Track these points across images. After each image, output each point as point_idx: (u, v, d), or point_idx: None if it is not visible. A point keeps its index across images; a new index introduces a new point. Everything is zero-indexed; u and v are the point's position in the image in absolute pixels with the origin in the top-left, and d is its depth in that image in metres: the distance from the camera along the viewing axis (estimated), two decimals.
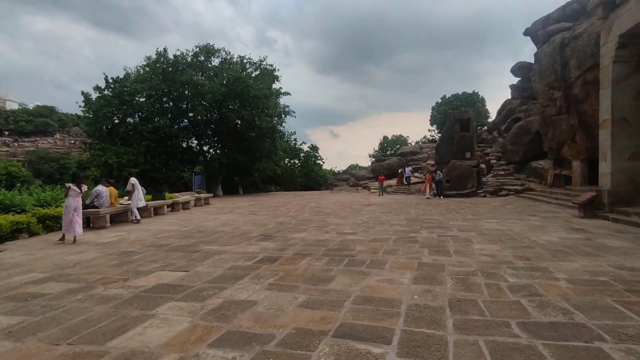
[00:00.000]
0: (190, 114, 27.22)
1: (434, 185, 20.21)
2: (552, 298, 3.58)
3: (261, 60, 28.04)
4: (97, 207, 9.63)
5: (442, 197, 19.42)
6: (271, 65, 27.79)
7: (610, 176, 9.82)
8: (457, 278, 4.34)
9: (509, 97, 32.68)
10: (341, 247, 6.44)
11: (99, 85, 23.18)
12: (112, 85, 23.30)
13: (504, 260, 5.20)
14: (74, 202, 7.72)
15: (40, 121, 75.66)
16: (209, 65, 26.28)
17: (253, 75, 26.87)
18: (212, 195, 20.08)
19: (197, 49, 25.80)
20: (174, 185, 29.44)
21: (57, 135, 76.59)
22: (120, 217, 10.81)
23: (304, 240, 7.12)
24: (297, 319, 3.19)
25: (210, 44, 26.08)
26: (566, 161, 18.16)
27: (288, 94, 29.90)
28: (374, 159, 54.15)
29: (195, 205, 16.99)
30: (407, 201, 17.59)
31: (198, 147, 29.05)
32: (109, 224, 9.80)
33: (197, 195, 17.41)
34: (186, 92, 25.82)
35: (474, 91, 50.61)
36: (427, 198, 19.14)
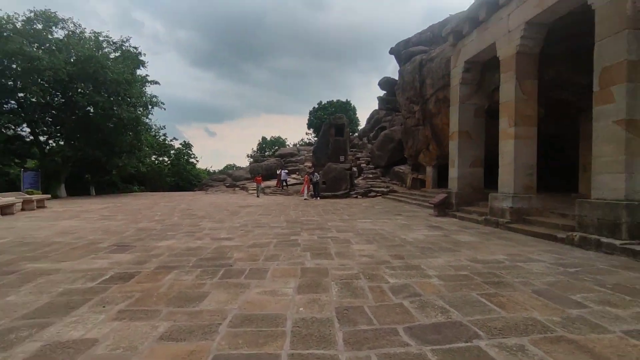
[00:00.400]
0: (20, 94, 21.73)
1: (311, 186, 20.78)
2: (429, 297, 3.70)
3: (123, 41, 24.36)
4: None
5: (319, 198, 20.09)
6: (136, 48, 24.40)
7: (457, 180, 11.56)
8: (342, 283, 4.18)
9: (377, 107, 36.40)
10: (216, 255, 5.71)
11: None
12: None
13: (381, 260, 5.34)
14: None
15: None
16: (50, 37, 21.38)
17: (112, 56, 23.10)
18: (49, 196, 16.29)
19: (32, 14, 20.68)
20: None
21: None
22: None
23: (171, 250, 6.10)
24: (155, 359, 2.45)
25: (51, 10, 21.24)
26: (422, 167, 20.99)
27: (156, 82, 26.82)
28: (252, 160, 53.42)
29: (23, 209, 13.44)
30: (285, 202, 17.56)
31: (31, 137, 23.41)
32: None
33: (27, 196, 13.81)
34: (14, 66, 20.46)
35: (347, 100, 54.81)
36: (305, 199, 19.54)
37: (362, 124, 53.78)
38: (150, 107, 25.11)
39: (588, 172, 12.19)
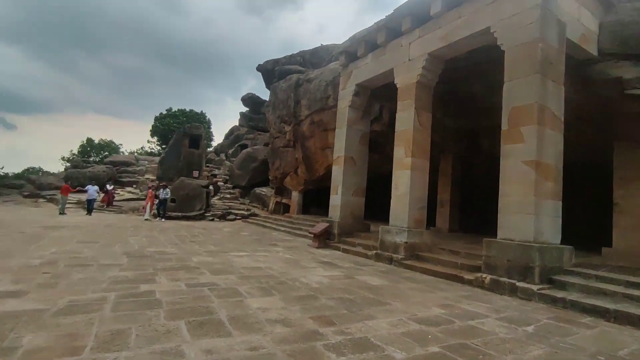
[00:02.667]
0: None
1: (155, 204, 16.92)
2: None
3: None
4: None
5: (163, 219, 16.44)
6: None
7: (339, 208, 10.70)
8: None
9: (237, 124, 34.40)
10: None
11: None
12: None
13: (306, 330, 3.49)
14: None
15: None
16: None
17: None
18: None
19: None
20: None
21: None
22: None
23: None
24: None
25: None
26: (287, 190, 19.96)
27: None
28: (69, 165, 42.72)
29: None
30: (119, 224, 13.48)
31: None
32: None
33: None
34: None
35: (201, 111, 50.82)
36: (146, 220, 15.67)
37: (217, 139, 50.56)
38: None
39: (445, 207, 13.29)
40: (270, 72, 27.16)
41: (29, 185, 28.71)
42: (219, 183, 24.48)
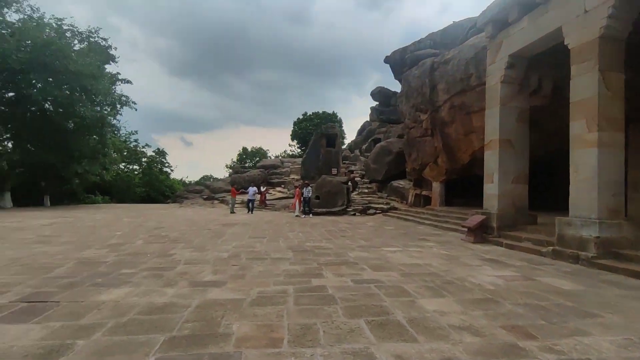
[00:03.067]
0: None
1: (302, 201, 18.28)
2: None
3: (91, 32, 21.48)
4: None
5: (311, 215, 17.61)
6: (105, 39, 21.55)
7: (496, 199, 9.46)
8: None
9: (367, 119, 34.64)
10: (200, 327, 3.19)
11: None
12: None
13: (502, 343, 2.99)
14: None
15: None
16: (1, 19, 18.32)
17: (76, 47, 20.16)
18: None
19: None
20: None
21: None
22: None
23: (119, 312, 3.53)
24: None
25: None
26: (426, 182, 19.00)
27: (128, 81, 23.90)
28: (232, 171, 50.42)
29: None
30: (275, 220, 15.01)
31: None
32: None
33: None
34: None
35: (333, 112, 53.09)
36: (297, 216, 17.05)
37: (349, 136, 52.06)
38: (119, 106, 22.14)
39: None
40: (399, 61, 26.32)
41: (206, 190, 35.00)
42: (356, 179, 25.01)
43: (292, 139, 54.93)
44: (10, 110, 19.42)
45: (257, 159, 55.91)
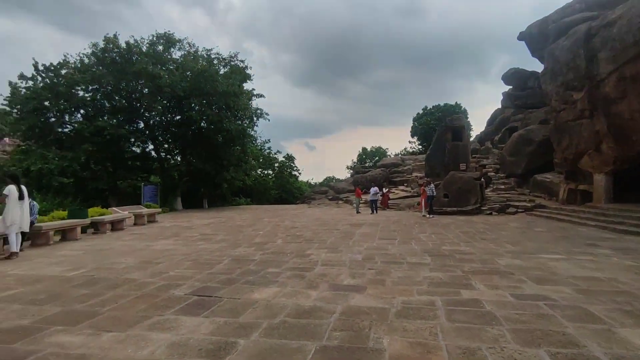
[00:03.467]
0: (147, 114, 23.29)
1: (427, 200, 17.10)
2: None
3: (231, 56, 24.60)
4: None
5: (432, 215, 16.10)
6: (242, 61, 24.37)
7: None
8: None
9: (499, 106, 30.76)
10: (349, 338, 3.01)
11: (24, 74, 18.81)
12: (43, 74, 19.02)
13: None
14: None
15: None
16: (169, 57, 22.51)
17: (222, 72, 23.32)
18: (159, 210, 16.16)
19: (155, 38, 22.02)
20: (126, 197, 25.08)
21: (6, 140, 69.21)
22: None
23: (271, 313, 3.63)
24: None
25: (170, 32, 22.38)
26: (583, 174, 15.66)
27: (261, 96, 26.48)
28: (352, 171, 51.41)
29: (135, 224, 13.08)
30: (402, 220, 14.41)
31: (154, 153, 24.96)
32: None
33: (138, 211, 13.50)
34: (140, 88, 21.94)
35: (456, 102, 49.14)
36: (424, 216, 16.03)
37: (475, 128, 47.35)
38: (255, 118, 24.77)
39: None
40: (537, 36, 22.56)
41: (330, 191, 36.47)
42: (489, 174, 22.37)
43: (412, 136, 52.83)
44: (178, 130, 23.71)
45: (377, 158, 55.68)
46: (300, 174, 46.32)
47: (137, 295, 4.30)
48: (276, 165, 42.00)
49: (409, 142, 55.60)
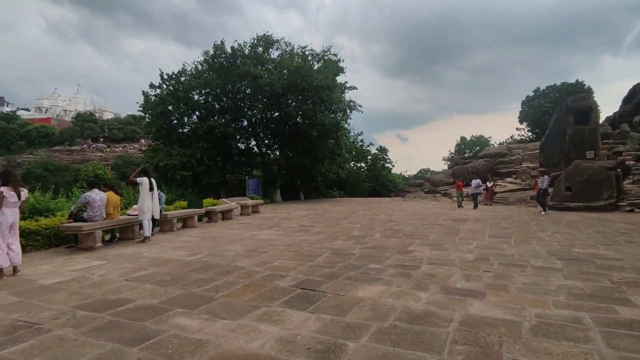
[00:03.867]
0: (250, 113, 25.15)
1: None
2: None
3: (324, 51, 24.96)
4: (85, 220, 6.93)
5: (547, 211, 13.59)
6: (335, 54, 24.49)
7: None
8: None
9: (628, 83, 25.07)
10: (475, 355, 2.53)
11: (154, 83, 21.96)
12: (167, 82, 21.91)
13: None
14: (10, 216, 4.94)
15: (129, 129, 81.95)
16: (268, 57, 23.83)
17: (315, 67, 23.79)
18: (262, 201, 17.20)
19: (255, 40, 23.51)
20: (233, 189, 27.61)
21: (142, 141, 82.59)
22: (126, 233, 8.09)
23: (379, 313, 3.34)
24: None
25: (269, 33, 23.64)
26: None
27: (354, 88, 26.27)
28: (450, 163, 48.00)
29: (241, 214, 14.14)
30: (514, 216, 12.73)
31: (257, 149, 26.83)
32: (99, 244, 7.02)
33: (243, 202, 14.56)
34: (243, 88, 23.73)
35: (577, 80, 41.98)
36: (543, 213, 13.80)
37: (605, 110, 39.78)
38: (348, 111, 24.72)
39: None
40: None
41: (426, 184, 34.63)
42: (627, 162, 18.45)
43: (521, 122, 46.95)
44: (277, 126, 25.06)
45: (477, 148, 50.97)
46: (393, 166, 45.03)
47: (246, 283, 4.44)
48: (369, 157, 41.56)
49: (517, 129, 49.34)
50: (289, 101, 23.07)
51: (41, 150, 64.53)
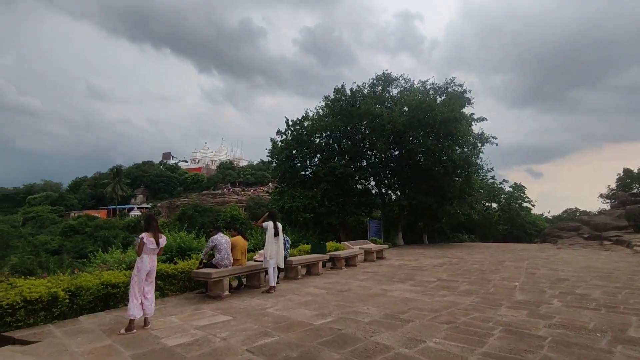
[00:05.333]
0: (369, 152, 24.63)
1: None
2: None
3: (448, 83, 23.13)
4: (214, 265, 6.70)
5: None
6: (460, 86, 22.42)
7: None
8: None
9: None
10: None
11: (280, 129, 23.48)
12: (292, 128, 23.19)
13: None
14: (149, 263, 4.77)
15: (259, 174, 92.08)
16: (388, 95, 23.30)
17: (438, 100, 22.13)
18: (387, 246, 15.73)
19: (374, 80, 23.35)
20: (352, 231, 26.88)
21: (270, 185, 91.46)
22: (252, 280, 7.68)
23: None
24: None
25: (388, 72, 23.22)
26: None
27: (483, 119, 23.39)
28: (613, 201, 38.29)
29: (365, 260, 12.95)
30: None
31: (376, 189, 25.83)
32: (226, 292, 6.64)
33: (367, 247, 13.38)
34: (363, 129, 23.52)
35: None
36: None
37: None
38: (479, 145, 21.88)
39: None
40: None
41: (584, 227, 27.82)
42: None
43: None
44: (397, 165, 23.78)
45: None
46: (533, 206, 38.26)
47: None
48: (502, 196, 36.26)
49: None
50: (410, 138, 21.73)
51: (193, 194, 76.75)
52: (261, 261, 7.55)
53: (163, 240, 4.97)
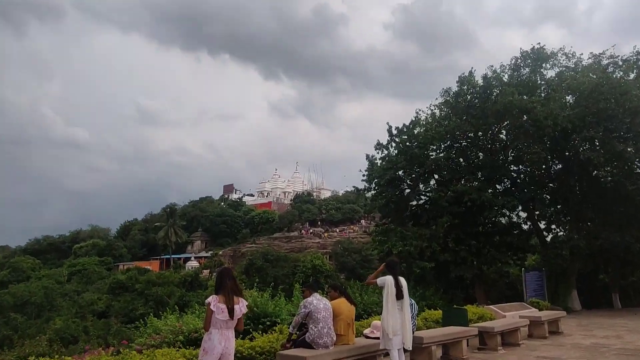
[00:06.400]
0: (515, 168, 22.68)
1: None
2: None
3: (638, 52, 20.51)
4: (308, 344, 6.09)
5: None
6: None
7: None
8: None
9: None
10: None
11: (381, 142, 22.81)
12: (396, 139, 22.44)
13: None
14: (219, 342, 4.32)
15: (347, 208, 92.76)
16: (540, 81, 21.44)
17: (629, 78, 19.63)
18: (563, 314, 13.59)
19: (519, 60, 21.77)
20: (492, 286, 24.58)
21: (362, 222, 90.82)
22: None
23: None
24: None
25: (541, 45, 21.40)
26: None
27: None
28: None
29: (530, 335, 11.35)
30: None
31: (529, 223, 23.41)
32: None
33: (530, 314, 11.77)
34: (504, 133, 21.87)
35: None
36: None
37: None
38: None
39: None
40: None
41: None
42: None
43: None
44: (562, 184, 21.33)
45: None
46: None
47: None
48: None
49: None
50: (583, 141, 19.44)
51: (262, 238, 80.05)
52: (377, 337, 6.78)
53: (242, 307, 4.52)
